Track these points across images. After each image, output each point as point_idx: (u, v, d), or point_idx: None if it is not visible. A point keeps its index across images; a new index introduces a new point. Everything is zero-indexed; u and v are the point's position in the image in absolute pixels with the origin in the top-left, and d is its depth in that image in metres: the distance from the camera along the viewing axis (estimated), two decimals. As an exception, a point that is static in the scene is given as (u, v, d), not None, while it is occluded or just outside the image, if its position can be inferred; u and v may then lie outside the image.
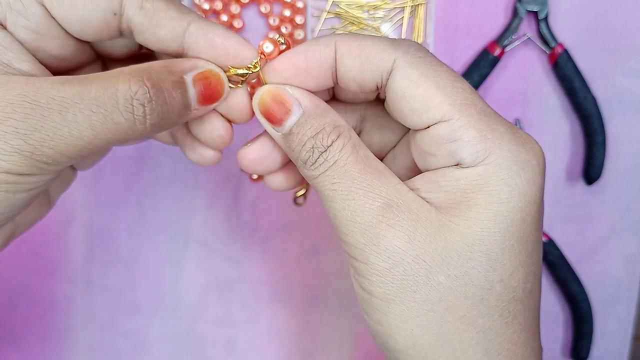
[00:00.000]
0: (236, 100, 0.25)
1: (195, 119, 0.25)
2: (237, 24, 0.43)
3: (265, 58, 0.24)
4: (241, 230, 0.46)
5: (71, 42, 0.24)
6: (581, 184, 0.46)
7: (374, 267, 0.21)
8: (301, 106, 0.23)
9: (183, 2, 0.42)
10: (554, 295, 0.47)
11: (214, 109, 0.25)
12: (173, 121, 0.23)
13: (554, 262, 0.45)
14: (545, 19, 0.43)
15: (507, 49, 0.43)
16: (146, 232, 0.45)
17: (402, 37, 0.44)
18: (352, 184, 0.22)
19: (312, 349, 0.47)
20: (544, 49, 0.44)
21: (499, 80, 0.45)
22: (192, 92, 0.23)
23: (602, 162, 0.44)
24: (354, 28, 0.44)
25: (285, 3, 0.42)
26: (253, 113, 0.25)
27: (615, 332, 0.48)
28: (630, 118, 0.45)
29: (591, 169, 0.44)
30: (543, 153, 0.22)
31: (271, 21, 0.43)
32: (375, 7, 0.43)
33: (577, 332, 0.46)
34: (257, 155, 0.25)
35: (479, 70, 0.43)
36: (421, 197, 0.22)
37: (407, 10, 0.43)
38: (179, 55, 0.24)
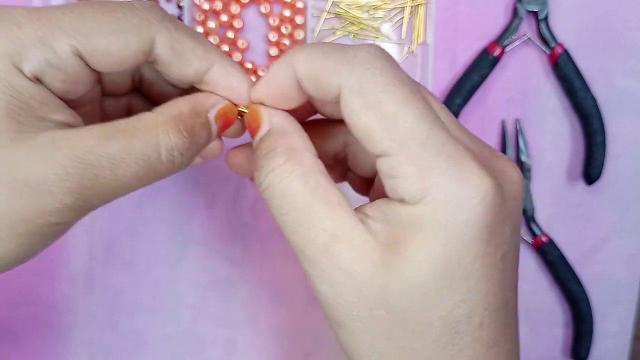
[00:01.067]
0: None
1: None
2: (237, 24, 0.43)
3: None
4: (241, 230, 0.46)
5: (94, 79, 0.24)
6: (581, 184, 0.46)
7: (322, 295, 0.22)
8: (269, 124, 0.24)
9: (183, 3, 0.42)
10: (554, 295, 0.47)
11: None
12: (197, 154, 0.25)
13: (554, 262, 0.45)
14: (545, 19, 0.43)
15: (507, 49, 0.43)
16: (146, 232, 0.45)
17: (400, 36, 0.44)
18: (298, 217, 0.22)
19: (312, 349, 0.47)
20: (544, 49, 0.44)
21: (499, 80, 0.45)
22: (214, 128, 0.25)
23: (602, 162, 0.44)
24: (354, 28, 0.44)
25: (285, 3, 0.42)
26: (242, 132, 0.27)
27: (615, 332, 0.48)
28: (630, 118, 0.45)
29: (591, 169, 0.44)
30: (497, 186, 0.21)
31: (271, 21, 0.43)
32: (375, 7, 0.43)
33: (577, 332, 0.46)
34: (234, 160, 0.27)
35: (479, 70, 0.43)
36: (370, 227, 0.22)
37: (407, 10, 0.43)
38: (193, 83, 0.26)
